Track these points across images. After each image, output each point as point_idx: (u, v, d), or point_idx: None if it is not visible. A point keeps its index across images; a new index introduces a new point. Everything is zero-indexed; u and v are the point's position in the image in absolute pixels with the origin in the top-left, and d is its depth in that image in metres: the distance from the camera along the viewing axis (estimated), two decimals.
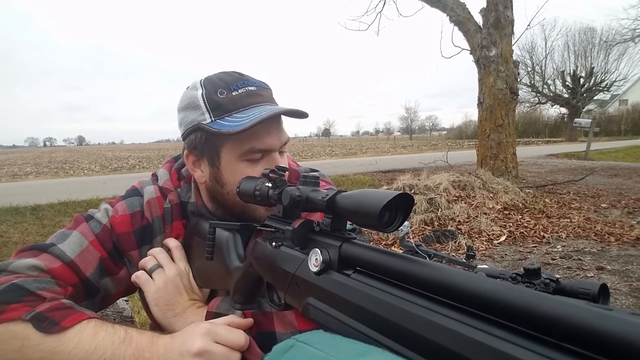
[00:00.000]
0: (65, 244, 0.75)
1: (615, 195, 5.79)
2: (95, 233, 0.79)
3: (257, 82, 0.83)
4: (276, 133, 0.80)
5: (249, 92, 0.79)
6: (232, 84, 0.80)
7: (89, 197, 5.31)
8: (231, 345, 0.62)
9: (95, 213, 0.83)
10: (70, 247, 0.75)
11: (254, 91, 0.80)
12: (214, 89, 0.79)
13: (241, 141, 0.77)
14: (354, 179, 7.12)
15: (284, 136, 0.82)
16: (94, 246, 0.78)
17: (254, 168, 0.79)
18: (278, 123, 0.81)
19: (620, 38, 22.31)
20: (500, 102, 5.98)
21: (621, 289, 2.55)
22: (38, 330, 0.60)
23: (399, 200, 0.44)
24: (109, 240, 0.80)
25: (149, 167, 13.44)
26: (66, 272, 0.73)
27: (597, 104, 34.89)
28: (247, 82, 0.81)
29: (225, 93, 0.78)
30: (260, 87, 0.82)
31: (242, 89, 0.79)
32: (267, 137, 0.78)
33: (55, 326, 0.61)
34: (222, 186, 0.81)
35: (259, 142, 0.78)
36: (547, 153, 13.88)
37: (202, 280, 0.82)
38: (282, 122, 0.82)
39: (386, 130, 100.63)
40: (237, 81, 0.80)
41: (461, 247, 3.36)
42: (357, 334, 0.44)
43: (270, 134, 0.79)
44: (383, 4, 7.49)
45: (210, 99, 0.78)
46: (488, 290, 0.34)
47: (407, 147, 25.28)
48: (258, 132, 0.77)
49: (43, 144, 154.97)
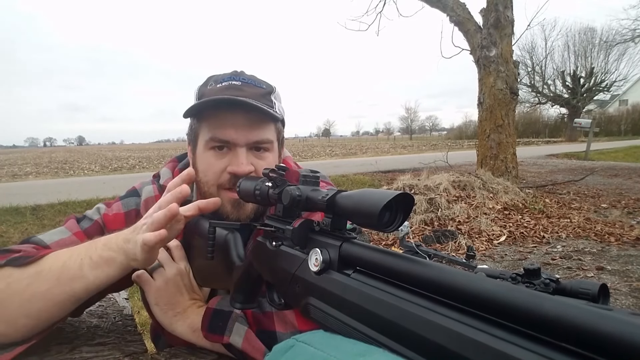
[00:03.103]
0: (46, 234, 0.79)
1: (615, 195, 5.79)
2: (83, 228, 0.82)
3: (248, 79, 0.83)
4: (243, 128, 0.78)
5: (229, 86, 0.80)
6: (221, 78, 0.82)
7: (89, 197, 5.32)
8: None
9: (88, 212, 0.86)
10: (49, 236, 0.79)
11: (235, 85, 0.80)
12: (207, 82, 0.83)
13: (209, 129, 0.80)
14: (354, 179, 7.12)
15: (255, 134, 0.79)
16: (78, 237, 0.80)
17: (218, 159, 0.80)
18: (248, 119, 0.78)
19: (620, 38, 22.37)
20: (500, 102, 5.98)
21: (621, 289, 2.56)
22: (15, 266, 0.66)
23: (399, 200, 0.44)
24: (98, 235, 0.81)
25: (149, 167, 13.44)
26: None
27: (597, 104, 34.91)
28: (236, 77, 0.82)
29: (212, 85, 0.81)
30: (247, 84, 0.81)
31: (226, 82, 0.81)
32: (231, 129, 0.78)
33: (29, 259, 0.66)
34: (197, 173, 0.83)
35: (220, 132, 0.79)
36: (547, 153, 13.89)
37: (203, 280, 0.82)
38: (259, 120, 0.79)
39: (386, 131, 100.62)
40: (228, 76, 0.82)
41: (461, 247, 3.36)
42: (357, 334, 0.44)
43: (235, 127, 0.78)
44: (383, 4, 7.51)
45: (200, 91, 0.83)
46: (488, 291, 0.34)
47: (407, 147, 25.29)
48: (223, 123, 0.78)
49: (43, 144, 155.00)
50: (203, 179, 0.82)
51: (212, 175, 0.80)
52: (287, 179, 0.64)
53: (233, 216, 0.81)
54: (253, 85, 0.82)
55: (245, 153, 0.79)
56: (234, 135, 0.78)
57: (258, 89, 0.82)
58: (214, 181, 0.80)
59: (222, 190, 0.81)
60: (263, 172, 0.65)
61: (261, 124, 0.80)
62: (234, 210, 0.81)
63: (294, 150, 24.11)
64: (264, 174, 0.65)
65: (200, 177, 0.82)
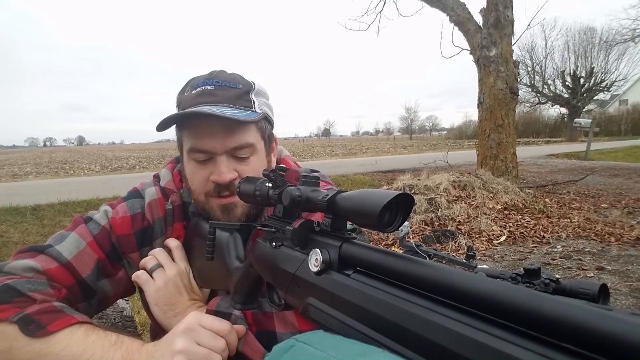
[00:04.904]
0: (62, 245, 0.75)
1: (615, 195, 5.79)
2: (93, 235, 0.79)
3: (223, 81, 0.80)
4: (220, 136, 0.76)
5: (202, 92, 0.79)
6: (196, 83, 0.81)
7: (89, 197, 5.32)
8: (212, 349, 0.61)
9: (95, 214, 0.84)
10: (67, 249, 0.75)
11: (208, 90, 0.79)
12: (185, 88, 0.82)
13: (188, 139, 0.80)
14: (354, 179, 7.12)
15: (232, 141, 0.77)
16: (92, 247, 0.78)
17: (201, 169, 0.79)
18: (223, 126, 0.76)
19: (620, 38, 22.35)
20: (500, 102, 5.98)
21: (621, 289, 2.55)
22: (24, 333, 0.60)
23: (399, 200, 0.44)
24: (107, 241, 0.81)
25: (149, 167, 13.44)
26: (62, 273, 0.73)
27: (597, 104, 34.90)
28: (210, 81, 0.80)
29: (189, 92, 0.80)
30: (221, 87, 0.79)
31: (200, 88, 0.79)
32: (208, 138, 0.77)
33: (41, 330, 0.61)
34: (186, 181, 0.84)
35: (198, 142, 0.78)
36: (547, 153, 13.88)
37: (203, 280, 0.82)
38: (234, 126, 0.77)
39: (386, 130, 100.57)
40: (202, 80, 0.80)
41: (461, 247, 3.36)
42: (357, 334, 0.44)
43: (211, 136, 0.76)
44: (383, 4, 7.50)
45: (178, 98, 0.83)
46: (488, 290, 0.34)
47: (407, 147, 25.28)
48: (200, 133, 0.77)
49: (43, 144, 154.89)
50: (192, 187, 0.82)
51: (197, 184, 0.81)
52: (287, 179, 0.64)
53: (224, 220, 0.81)
54: (227, 87, 0.79)
55: (225, 161, 0.78)
56: (212, 145, 0.77)
57: (233, 90, 0.80)
58: (201, 190, 0.81)
59: (210, 198, 0.81)
60: (263, 173, 0.65)
61: (237, 129, 0.78)
62: (224, 215, 0.80)
63: (294, 150, 24.10)
64: (264, 174, 0.65)
65: (189, 185, 0.83)
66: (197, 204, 0.84)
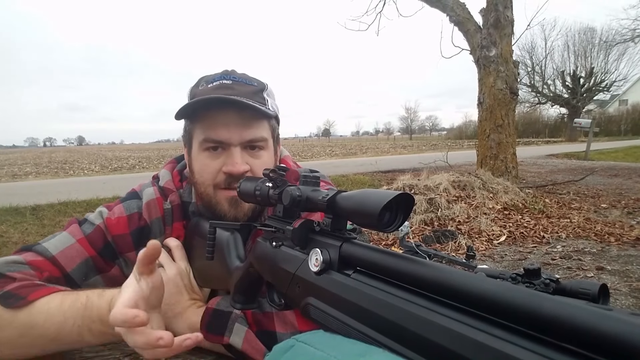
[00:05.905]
0: (49, 242, 0.77)
1: (615, 195, 5.79)
2: (86, 234, 0.80)
3: (239, 78, 0.82)
4: (236, 127, 0.78)
5: (220, 85, 0.79)
6: (212, 78, 0.81)
7: (89, 197, 5.31)
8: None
9: (90, 216, 0.85)
10: (54, 245, 0.77)
11: (226, 84, 0.80)
12: (198, 83, 0.83)
13: (202, 130, 0.79)
14: (354, 179, 7.12)
15: (248, 133, 0.79)
16: (82, 244, 0.79)
17: (213, 160, 0.80)
18: (241, 117, 0.78)
19: (620, 38, 22.37)
20: (500, 102, 5.98)
21: (621, 289, 2.55)
22: (5, 307, 0.61)
23: (399, 200, 0.44)
24: (101, 240, 0.81)
25: (149, 167, 13.44)
26: (47, 265, 0.74)
27: (597, 104, 34.91)
28: (227, 76, 0.81)
29: (204, 86, 0.81)
30: (238, 82, 0.81)
31: (217, 82, 0.80)
32: (223, 129, 0.78)
33: (21, 300, 0.62)
34: (193, 174, 0.83)
35: (213, 132, 0.78)
36: (547, 153, 13.89)
37: (203, 280, 0.82)
38: (251, 118, 0.79)
39: (386, 131, 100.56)
40: (219, 75, 0.81)
41: (461, 247, 3.36)
42: (357, 334, 0.44)
43: (227, 127, 0.78)
44: (383, 4, 7.50)
45: (191, 92, 0.83)
46: (488, 290, 0.34)
47: (407, 147, 25.28)
48: (216, 123, 0.78)
49: (43, 144, 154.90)
50: (199, 180, 0.82)
51: (207, 175, 0.80)
52: (287, 179, 0.64)
53: (230, 214, 0.81)
54: (244, 83, 0.81)
55: (239, 152, 0.79)
56: (227, 135, 0.78)
57: (249, 87, 0.81)
58: (210, 181, 0.80)
59: (218, 190, 0.81)
60: (263, 173, 0.65)
61: (254, 122, 0.80)
62: (232, 209, 0.81)
63: (294, 150, 24.10)
64: (264, 174, 0.65)
65: (196, 178, 0.82)
66: (203, 198, 0.83)
